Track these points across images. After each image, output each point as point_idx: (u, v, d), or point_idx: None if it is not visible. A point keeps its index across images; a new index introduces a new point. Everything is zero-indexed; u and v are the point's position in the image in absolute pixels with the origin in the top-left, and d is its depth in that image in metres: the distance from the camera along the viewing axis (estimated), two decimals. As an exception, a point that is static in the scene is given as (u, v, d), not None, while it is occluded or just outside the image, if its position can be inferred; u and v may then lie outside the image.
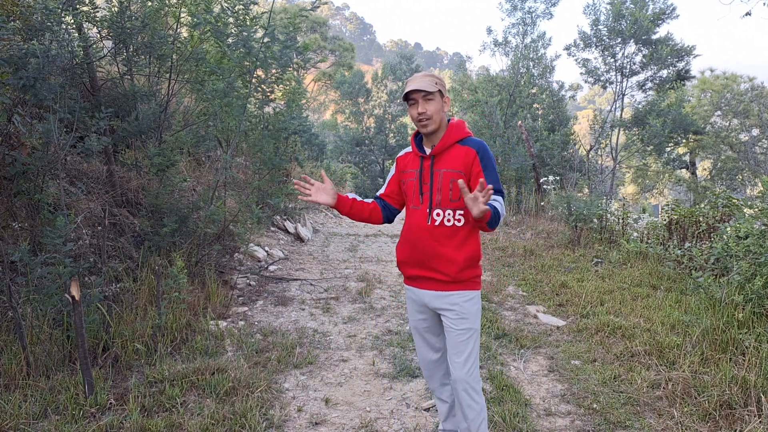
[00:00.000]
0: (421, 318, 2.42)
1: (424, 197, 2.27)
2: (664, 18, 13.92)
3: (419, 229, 2.27)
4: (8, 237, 3.76)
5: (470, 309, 2.28)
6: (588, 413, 3.01)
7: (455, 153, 2.24)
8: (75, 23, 4.55)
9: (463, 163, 2.22)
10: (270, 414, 2.94)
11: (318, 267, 6.61)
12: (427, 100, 2.19)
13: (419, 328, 2.44)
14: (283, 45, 5.14)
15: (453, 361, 2.28)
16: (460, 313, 2.26)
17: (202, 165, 7.29)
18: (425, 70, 2.15)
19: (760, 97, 17.42)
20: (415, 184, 2.30)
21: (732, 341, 3.53)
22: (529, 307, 5.00)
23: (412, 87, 2.17)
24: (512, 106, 14.31)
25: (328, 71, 26.93)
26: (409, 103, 2.23)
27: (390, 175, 2.49)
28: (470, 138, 2.28)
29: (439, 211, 2.23)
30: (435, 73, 2.25)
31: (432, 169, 2.26)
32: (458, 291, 2.27)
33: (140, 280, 4.24)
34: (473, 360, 2.28)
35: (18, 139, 4.07)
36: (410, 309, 2.46)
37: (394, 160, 2.48)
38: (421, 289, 2.34)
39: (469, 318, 2.27)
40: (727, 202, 5.80)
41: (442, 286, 2.28)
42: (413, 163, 2.34)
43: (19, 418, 2.72)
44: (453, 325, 2.27)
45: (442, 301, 2.29)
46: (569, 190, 10.82)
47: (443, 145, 2.24)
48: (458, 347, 2.27)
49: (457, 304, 2.26)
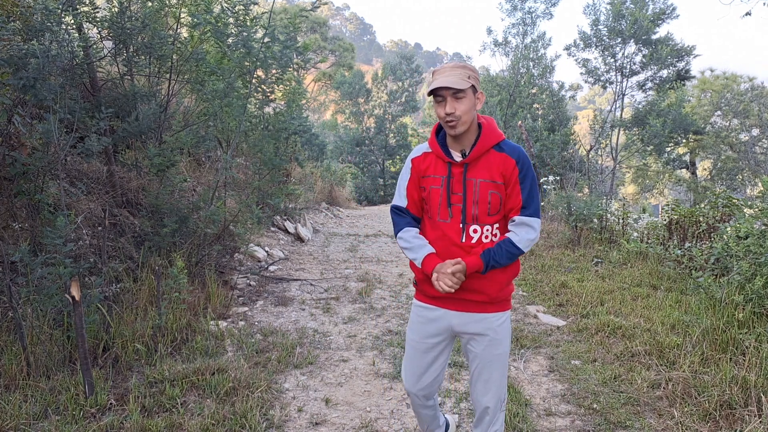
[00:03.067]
0: (434, 342, 2.10)
1: (453, 209, 1.96)
2: (664, 18, 13.92)
3: (450, 245, 1.97)
4: (8, 237, 3.76)
5: (505, 332, 2.07)
6: (588, 413, 3.01)
7: (491, 160, 1.95)
8: (75, 23, 4.55)
9: (501, 173, 1.94)
10: (270, 414, 2.94)
11: (318, 267, 6.61)
12: (458, 99, 1.86)
13: (425, 349, 2.11)
14: (283, 45, 5.14)
15: (478, 391, 2.08)
16: (494, 339, 2.03)
17: (202, 165, 7.29)
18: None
19: (760, 97, 17.42)
20: (442, 194, 1.98)
21: (732, 341, 3.53)
22: (529, 307, 5.01)
23: (441, 83, 1.84)
24: (512, 106, 14.31)
25: (328, 71, 26.95)
26: (436, 99, 1.89)
27: (405, 181, 2.09)
28: (506, 142, 1.99)
29: (477, 227, 1.95)
30: (469, 65, 1.91)
31: (465, 178, 1.95)
32: (495, 313, 2.04)
33: (140, 281, 4.24)
34: (503, 388, 2.09)
35: (18, 139, 4.07)
36: (419, 329, 2.12)
37: (404, 160, 2.11)
38: (449, 310, 2.05)
39: (503, 342, 2.06)
40: (727, 202, 5.80)
41: (477, 308, 2.02)
42: (437, 168, 2.00)
43: (20, 419, 2.72)
44: (487, 350, 2.03)
45: (476, 325, 2.03)
46: (569, 190, 10.82)
47: (479, 150, 1.94)
48: (486, 375, 2.05)
49: (492, 329, 2.03)
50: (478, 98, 1.93)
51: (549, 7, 14.26)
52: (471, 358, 2.10)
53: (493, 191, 1.93)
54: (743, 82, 18.16)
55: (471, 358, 2.10)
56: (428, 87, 1.91)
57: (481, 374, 2.06)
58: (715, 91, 18.20)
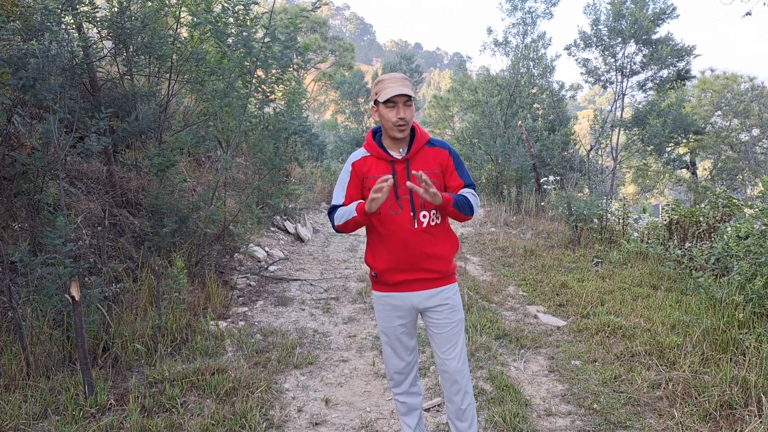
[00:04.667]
0: (400, 323, 2.36)
1: (402, 201, 2.22)
2: (664, 18, 13.93)
3: (405, 233, 2.22)
4: (8, 237, 3.76)
5: (459, 300, 2.38)
6: (588, 413, 3.01)
7: (427, 154, 2.28)
8: (75, 23, 4.54)
9: (438, 163, 2.28)
10: (270, 414, 2.94)
11: (318, 267, 6.61)
12: (408, 106, 2.16)
13: (396, 333, 2.37)
14: (283, 45, 5.13)
15: (447, 356, 2.33)
16: (452, 306, 2.33)
17: (202, 165, 7.29)
18: (397, 72, 2.05)
19: (761, 97, 17.41)
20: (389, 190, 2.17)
21: (732, 341, 3.52)
22: (529, 308, 5.00)
23: (399, 91, 2.11)
24: (512, 106, 14.30)
25: (328, 71, 26.95)
26: (388, 105, 2.15)
27: (345, 182, 2.31)
28: (433, 139, 2.33)
29: (425, 212, 2.23)
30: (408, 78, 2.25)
31: (409, 172, 2.24)
32: (449, 285, 2.34)
33: (140, 281, 4.24)
34: (465, 350, 2.38)
35: (18, 139, 4.07)
36: (386, 316, 2.36)
37: (345, 167, 2.36)
38: (409, 293, 2.31)
39: (459, 309, 2.36)
40: (728, 202, 5.79)
41: (433, 284, 2.30)
42: (378, 168, 2.25)
43: (20, 419, 2.72)
44: (447, 318, 2.32)
45: (434, 298, 2.31)
46: (569, 190, 10.82)
47: (417, 147, 2.25)
48: (452, 340, 2.33)
49: (450, 298, 2.33)
50: (416, 106, 2.25)
51: (549, 7, 14.24)
52: (435, 329, 2.34)
53: (434, 180, 2.22)
54: (743, 82, 18.16)
55: (435, 329, 2.34)
56: (379, 95, 2.16)
57: (448, 340, 2.33)
58: (716, 91, 18.20)
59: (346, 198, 2.29)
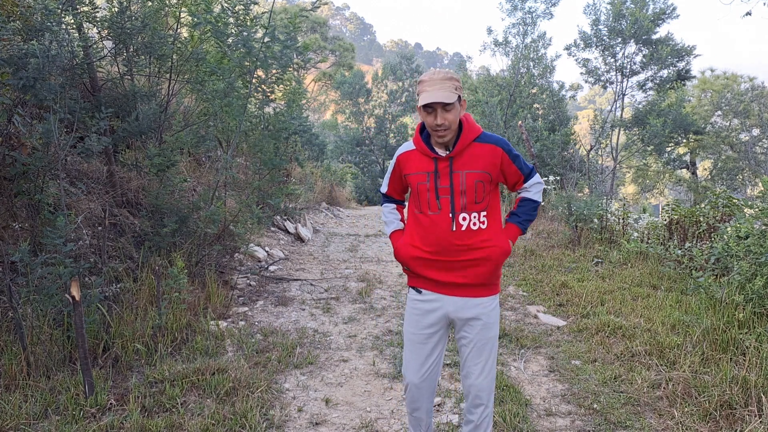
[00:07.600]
0: (431, 332, 2.20)
1: (442, 201, 2.08)
2: (665, 18, 13.90)
3: (443, 234, 2.09)
4: (8, 237, 3.76)
5: (496, 316, 2.20)
6: (588, 413, 3.01)
7: (475, 152, 2.09)
8: (75, 23, 4.54)
9: (489, 163, 2.09)
10: (270, 414, 2.94)
11: (318, 267, 6.61)
12: (447, 110, 1.99)
13: (423, 339, 2.21)
14: (283, 45, 5.13)
15: (473, 371, 2.18)
16: (487, 323, 2.16)
17: (202, 165, 7.29)
18: (438, 71, 1.90)
19: (761, 97, 17.41)
20: (429, 188, 2.10)
21: (732, 341, 3.53)
22: (529, 307, 5.00)
23: (434, 99, 1.95)
24: (512, 106, 14.29)
25: (328, 71, 26.93)
26: (426, 110, 2.01)
27: (389, 173, 2.32)
28: (485, 134, 2.14)
29: (465, 215, 2.07)
30: (452, 73, 2.03)
31: (451, 171, 2.08)
32: (488, 297, 2.16)
33: (140, 281, 4.24)
34: (494, 367, 2.21)
35: (18, 139, 4.07)
36: (417, 321, 2.21)
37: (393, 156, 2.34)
38: (444, 296, 2.15)
39: (495, 325, 2.19)
40: (728, 202, 5.79)
41: (472, 292, 2.14)
42: (422, 164, 2.13)
43: (20, 419, 2.72)
44: (481, 334, 2.15)
45: (470, 311, 2.14)
46: (569, 190, 10.81)
47: (463, 144, 2.08)
48: (482, 355, 2.17)
49: (485, 313, 2.15)
50: (462, 105, 2.07)
51: (549, 7, 14.23)
52: (465, 344, 2.20)
53: (478, 180, 2.07)
54: (743, 82, 18.16)
55: (465, 344, 2.20)
56: (419, 98, 2.03)
57: (476, 358, 2.18)
58: (716, 91, 18.20)
59: (389, 187, 2.37)
